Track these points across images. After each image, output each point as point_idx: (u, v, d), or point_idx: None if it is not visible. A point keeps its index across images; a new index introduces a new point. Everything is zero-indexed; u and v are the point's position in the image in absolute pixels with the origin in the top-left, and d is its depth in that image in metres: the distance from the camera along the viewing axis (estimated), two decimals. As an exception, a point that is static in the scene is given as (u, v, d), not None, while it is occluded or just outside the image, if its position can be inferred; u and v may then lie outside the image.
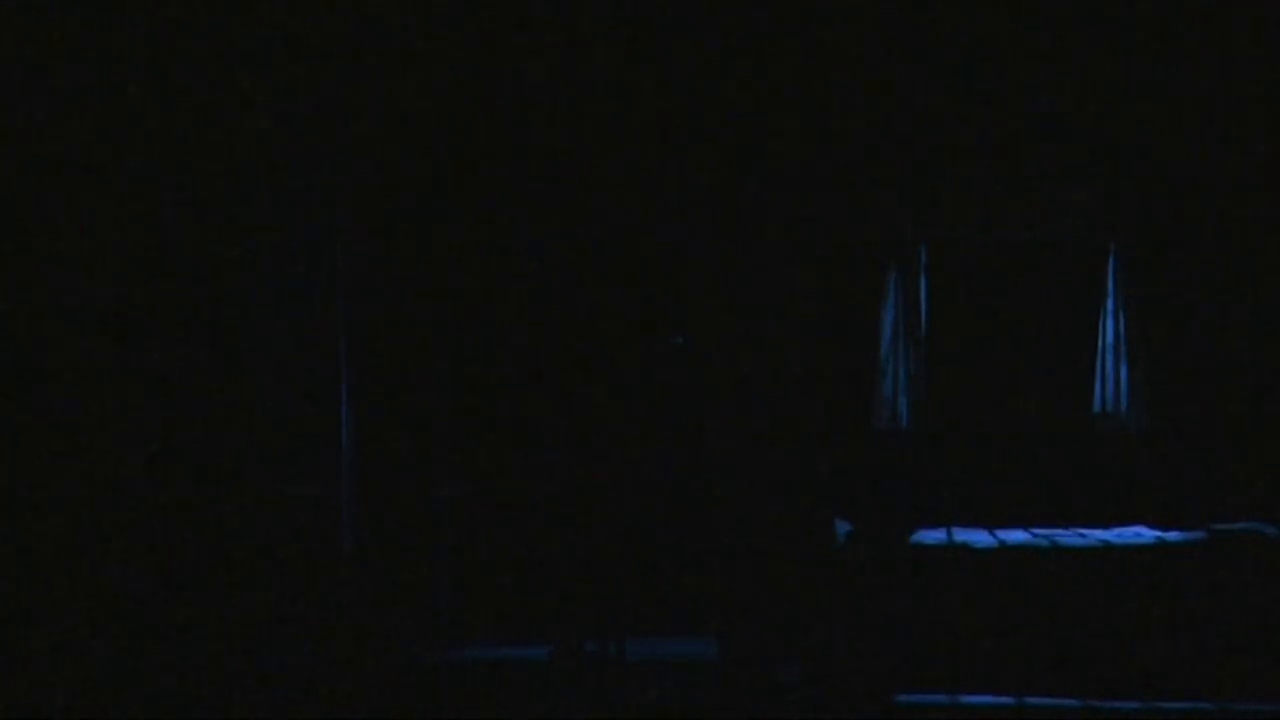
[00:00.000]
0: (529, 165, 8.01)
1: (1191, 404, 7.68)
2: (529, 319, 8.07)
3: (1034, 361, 7.82)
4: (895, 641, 6.40)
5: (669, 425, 7.97)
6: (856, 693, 6.35)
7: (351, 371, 7.52)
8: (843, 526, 7.15)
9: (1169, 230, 7.74)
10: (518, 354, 8.06)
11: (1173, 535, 6.89)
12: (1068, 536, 6.95)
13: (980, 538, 6.93)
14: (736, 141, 7.97)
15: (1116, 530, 7.09)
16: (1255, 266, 7.69)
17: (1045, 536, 6.89)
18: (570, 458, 7.88)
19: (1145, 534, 6.99)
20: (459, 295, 7.98)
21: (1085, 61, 7.68)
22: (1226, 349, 7.67)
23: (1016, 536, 6.99)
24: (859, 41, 7.81)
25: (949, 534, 7.04)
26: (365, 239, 7.62)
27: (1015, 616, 6.61)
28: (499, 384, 8.05)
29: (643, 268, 8.08)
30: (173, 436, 7.35)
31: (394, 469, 7.59)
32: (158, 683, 6.75)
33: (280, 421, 7.39)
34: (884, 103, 7.86)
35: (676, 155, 7.99)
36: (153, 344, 7.39)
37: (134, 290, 7.40)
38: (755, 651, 6.83)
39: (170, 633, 7.17)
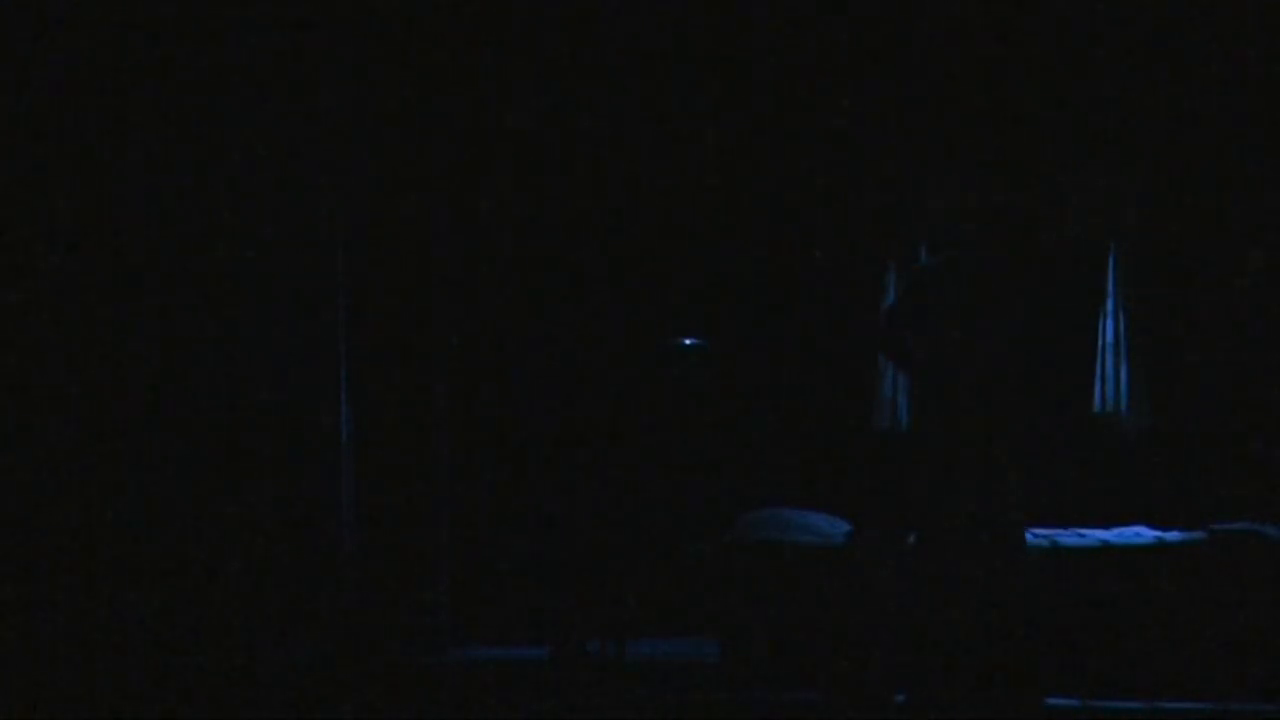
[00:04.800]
0: (530, 164, 8.01)
1: (1191, 404, 7.68)
2: (531, 319, 8.07)
3: (1034, 361, 7.80)
4: (897, 641, 6.39)
5: (672, 425, 7.97)
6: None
7: (351, 371, 7.52)
8: (842, 525, 7.15)
9: (1169, 230, 7.73)
10: (519, 353, 8.05)
11: (1172, 535, 6.88)
12: (1068, 536, 6.94)
13: (980, 538, 6.92)
14: (737, 139, 7.97)
15: (1116, 530, 7.08)
16: (1255, 267, 7.68)
17: (1045, 536, 6.88)
18: (572, 457, 7.88)
19: (1145, 534, 6.98)
20: (459, 295, 7.97)
21: (1086, 62, 7.68)
22: (1226, 349, 7.66)
23: (1016, 536, 6.98)
24: (859, 42, 7.81)
25: (949, 534, 7.02)
26: (365, 239, 7.62)
27: (1015, 616, 6.59)
28: (499, 383, 8.04)
29: (644, 268, 8.07)
30: (172, 436, 7.35)
31: (394, 469, 7.59)
32: (157, 682, 6.75)
33: (280, 421, 7.39)
34: (885, 102, 7.85)
35: (677, 155, 7.99)
36: (153, 344, 7.39)
37: (134, 291, 7.40)
38: (756, 652, 6.83)
39: (170, 631, 7.17)
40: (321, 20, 7.44)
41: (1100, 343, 7.65)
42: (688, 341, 7.74)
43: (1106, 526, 7.15)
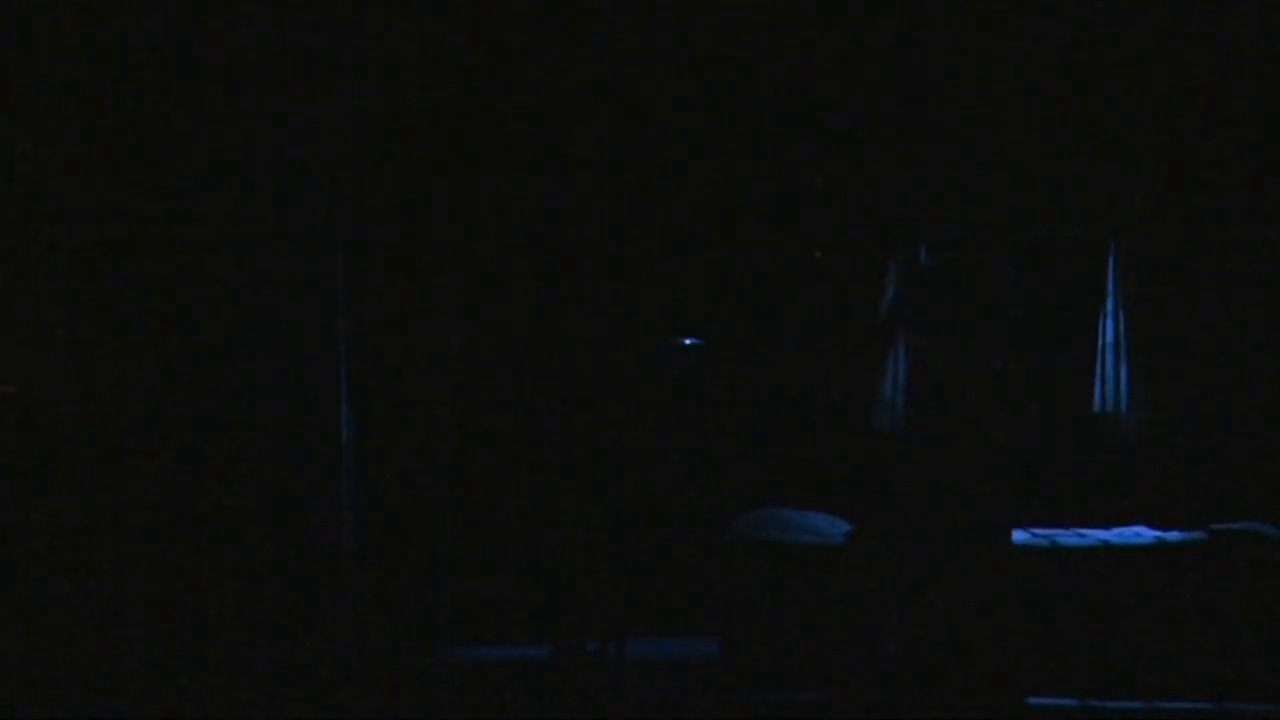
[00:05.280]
0: (529, 165, 8.01)
1: (1191, 404, 7.68)
2: (530, 319, 8.07)
3: (1034, 361, 7.82)
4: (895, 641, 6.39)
5: (670, 426, 7.97)
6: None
7: (351, 371, 7.52)
8: (842, 525, 7.16)
9: (1169, 230, 7.73)
10: (518, 353, 8.05)
11: (1172, 535, 6.89)
12: (1068, 536, 6.95)
13: (980, 538, 6.92)
14: (737, 140, 7.97)
15: (1116, 530, 7.09)
16: (1255, 266, 7.68)
17: (1045, 536, 6.89)
18: (571, 457, 7.88)
19: (1145, 534, 6.99)
20: (459, 295, 7.97)
21: (1086, 62, 7.68)
22: (1227, 349, 7.67)
23: (1017, 536, 6.98)
24: (860, 41, 7.81)
25: (949, 534, 7.03)
26: (365, 240, 7.62)
27: (1015, 616, 6.60)
28: (499, 383, 8.04)
29: (644, 268, 8.07)
30: (173, 437, 7.35)
31: (394, 469, 7.59)
32: (158, 682, 6.75)
33: (280, 421, 7.39)
34: (885, 102, 7.86)
35: (676, 155, 7.99)
36: (153, 343, 7.40)
37: (134, 290, 7.40)
38: (757, 652, 6.83)
39: (171, 632, 7.17)
40: (322, 20, 7.44)
41: (1100, 343, 7.66)
42: (688, 341, 7.74)
43: (1106, 526, 7.15)
